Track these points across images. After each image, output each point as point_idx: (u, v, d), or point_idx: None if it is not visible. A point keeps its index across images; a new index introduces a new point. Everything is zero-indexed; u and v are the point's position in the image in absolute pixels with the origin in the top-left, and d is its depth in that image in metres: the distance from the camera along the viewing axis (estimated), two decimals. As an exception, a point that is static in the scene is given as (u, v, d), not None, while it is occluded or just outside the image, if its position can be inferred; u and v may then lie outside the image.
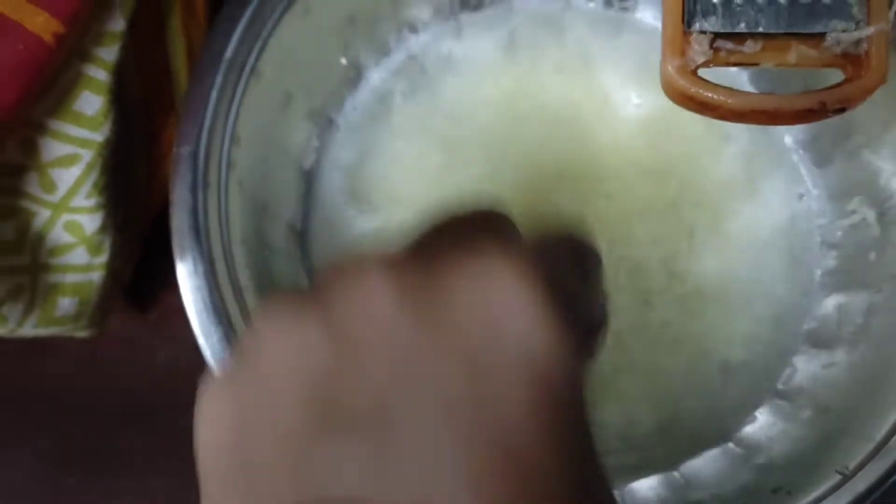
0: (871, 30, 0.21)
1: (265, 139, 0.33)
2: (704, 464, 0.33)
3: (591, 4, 0.38)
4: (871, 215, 0.34)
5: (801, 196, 0.37)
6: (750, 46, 0.22)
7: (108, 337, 0.35)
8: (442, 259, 0.16)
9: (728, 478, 0.32)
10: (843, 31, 0.21)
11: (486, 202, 0.19)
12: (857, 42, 0.21)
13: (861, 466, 0.28)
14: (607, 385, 0.35)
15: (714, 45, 0.22)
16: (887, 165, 0.34)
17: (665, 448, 0.34)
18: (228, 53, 0.30)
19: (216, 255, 0.28)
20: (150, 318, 0.38)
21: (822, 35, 0.21)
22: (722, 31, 0.22)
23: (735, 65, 0.22)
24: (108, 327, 0.34)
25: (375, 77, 0.37)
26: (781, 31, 0.22)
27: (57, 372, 0.38)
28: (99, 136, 0.29)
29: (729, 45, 0.22)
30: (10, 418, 0.38)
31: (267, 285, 0.31)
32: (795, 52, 0.22)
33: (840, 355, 0.33)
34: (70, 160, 0.29)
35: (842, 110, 0.22)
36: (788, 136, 0.37)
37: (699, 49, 0.22)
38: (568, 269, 0.18)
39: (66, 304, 0.32)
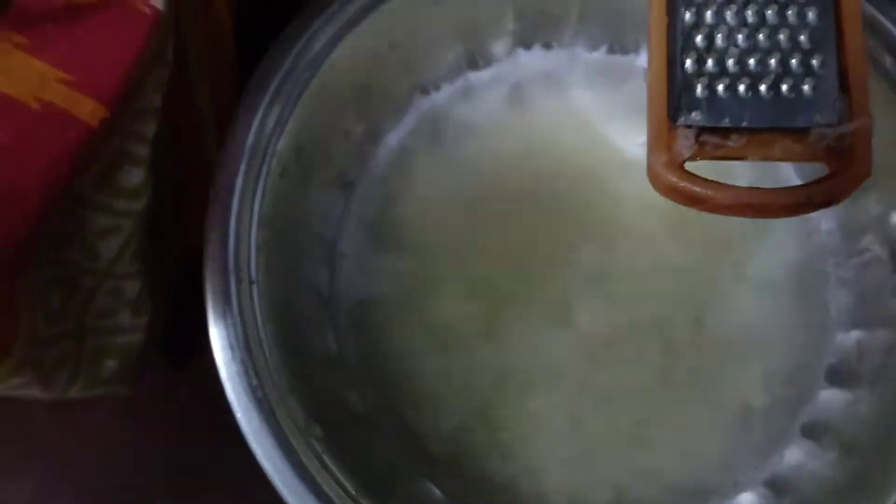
0: (853, 125, 0.21)
1: (290, 216, 0.33)
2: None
3: (595, 54, 0.39)
4: (883, 253, 0.35)
5: (810, 234, 0.37)
6: (735, 141, 0.22)
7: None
8: None
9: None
10: (827, 125, 0.21)
11: None
12: (841, 136, 0.21)
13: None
14: (633, 436, 0.35)
15: (700, 139, 0.22)
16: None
17: (694, 496, 0.35)
18: (250, 141, 0.31)
19: (251, 342, 0.29)
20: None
21: (806, 130, 0.21)
22: (707, 125, 0.22)
23: (721, 159, 0.22)
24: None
25: (393, 138, 0.38)
26: (765, 126, 0.21)
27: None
28: (138, 206, 0.30)
29: (714, 139, 0.22)
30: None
31: (298, 361, 0.31)
32: (780, 146, 0.22)
33: (863, 393, 0.34)
34: (112, 231, 0.30)
35: (828, 204, 0.22)
36: (796, 175, 0.38)
37: (685, 143, 0.22)
38: None
39: (111, 365, 0.33)
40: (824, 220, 0.37)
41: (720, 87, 0.22)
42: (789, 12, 0.22)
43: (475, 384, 0.36)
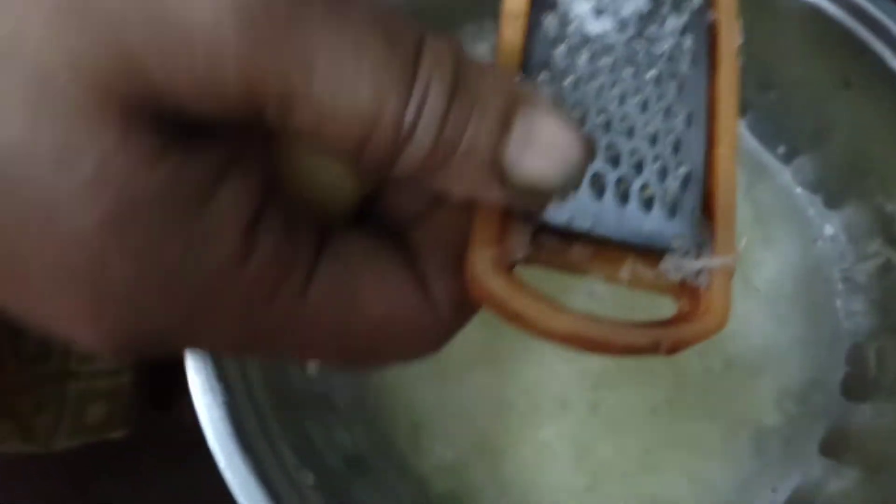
0: (715, 262, 0.17)
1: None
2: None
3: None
4: (895, 256, 0.34)
5: (815, 241, 0.36)
6: (578, 251, 0.18)
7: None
8: None
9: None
10: (685, 254, 0.18)
11: None
12: (699, 272, 0.18)
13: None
14: (643, 463, 0.33)
15: (537, 240, 0.17)
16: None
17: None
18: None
19: (233, 384, 0.27)
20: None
21: (660, 254, 0.18)
22: (549, 222, 0.17)
23: (558, 269, 0.18)
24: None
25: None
26: (615, 236, 0.18)
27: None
28: None
29: (554, 241, 0.18)
30: None
31: (286, 403, 0.29)
32: (628, 268, 0.18)
33: (886, 405, 0.32)
34: None
35: (674, 353, 0.18)
36: (794, 179, 0.36)
37: (519, 240, 0.17)
38: None
39: (97, 410, 0.31)
40: (828, 225, 0.36)
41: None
42: (659, 93, 0.18)
43: (475, 414, 0.34)
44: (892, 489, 0.30)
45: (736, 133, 0.19)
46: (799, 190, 0.36)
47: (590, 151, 0.16)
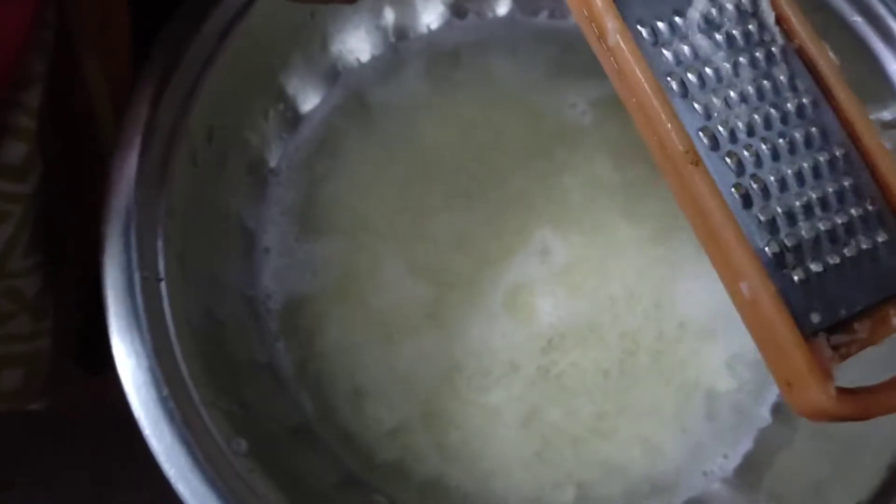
0: None
1: (203, 207, 0.30)
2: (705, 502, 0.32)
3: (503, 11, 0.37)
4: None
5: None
6: (860, 329, 0.19)
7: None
8: None
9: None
10: None
11: None
12: None
13: (879, 497, 0.26)
14: (594, 428, 0.33)
15: (832, 344, 0.19)
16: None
17: (661, 490, 0.32)
18: (156, 119, 0.27)
19: (161, 348, 0.25)
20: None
21: None
22: (830, 322, 0.19)
23: (857, 352, 0.19)
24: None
25: (316, 116, 0.35)
26: (873, 301, 0.19)
27: None
28: (27, 188, 0.27)
29: (843, 337, 0.19)
30: None
31: (223, 371, 0.28)
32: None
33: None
34: None
35: None
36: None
37: (827, 356, 0.18)
38: None
39: (13, 376, 0.29)
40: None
41: (812, 265, 0.19)
42: (825, 158, 0.20)
43: (421, 379, 0.33)
44: (840, 456, 0.30)
45: (882, 145, 0.20)
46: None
47: None
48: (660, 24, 0.20)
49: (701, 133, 0.19)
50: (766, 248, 0.19)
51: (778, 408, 0.33)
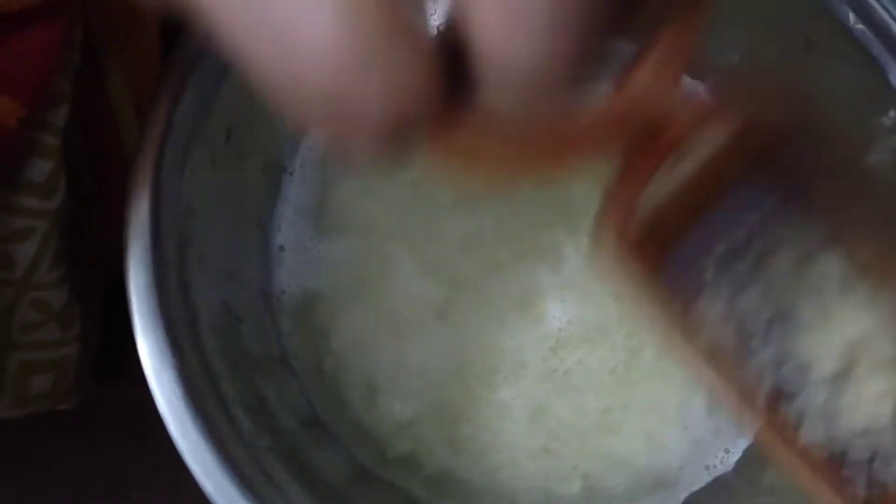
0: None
1: (221, 207, 0.30)
2: (707, 496, 0.33)
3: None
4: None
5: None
6: None
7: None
8: None
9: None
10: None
11: None
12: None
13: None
14: (600, 423, 0.33)
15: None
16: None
17: (666, 484, 0.33)
18: (174, 122, 0.28)
19: (185, 345, 0.26)
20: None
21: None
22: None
23: None
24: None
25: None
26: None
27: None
28: (52, 205, 0.27)
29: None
30: None
31: (241, 366, 0.29)
32: None
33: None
34: (24, 234, 0.27)
35: None
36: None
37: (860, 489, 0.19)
38: None
39: (42, 381, 0.30)
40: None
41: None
42: None
43: (433, 374, 0.33)
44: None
45: None
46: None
47: None
48: None
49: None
50: None
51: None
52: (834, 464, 0.19)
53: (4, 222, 0.26)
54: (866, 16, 0.31)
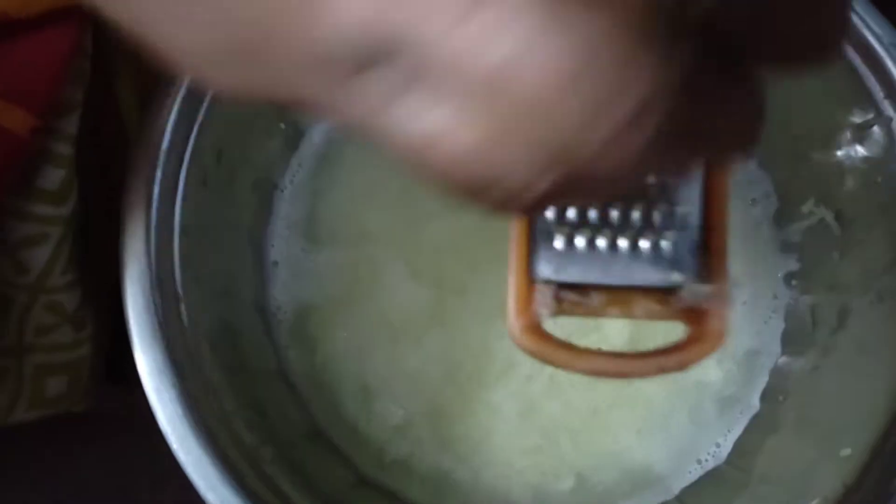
0: (711, 288, 0.20)
1: (214, 225, 0.31)
2: (701, 488, 0.33)
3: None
4: (828, 215, 0.35)
5: (754, 201, 0.37)
6: (595, 299, 0.21)
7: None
8: None
9: (727, 500, 0.33)
10: (684, 284, 0.21)
11: None
12: (698, 297, 0.21)
13: (861, 481, 0.28)
14: (591, 420, 0.34)
15: (558, 296, 0.21)
16: (834, 161, 0.34)
17: (657, 479, 0.34)
18: (164, 144, 0.28)
19: (183, 362, 0.27)
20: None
21: (664, 290, 0.21)
22: (566, 280, 0.21)
23: (582, 315, 0.21)
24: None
25: (317, 133, 0.36)
26: (624, 284, 0.21)
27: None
28: (64, 211, 0.28)
29: (572, 296, 0.21)
30: None
31: (239, 382, 0.29)
32: (640, 306, 0.21)
33: (820, 359, 0.33)
34: (38, 240, 0.28)
35: (681, 370, 0.21)
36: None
37: (542, 301, 0.21)
38: None
39: (57, 383, 0.30)
40: (762, 186, 0.37)
41: (580, 242, 0.21)
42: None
43: (426, 377, 0.34)
44: (822, 440, 0.31)
45: (728, 186, 0.21)
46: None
47: None
48: None
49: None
50: (549, 214, 0.21)
51: (765, 395, 0.35)
52: None
53: (18, 229, 0.27)
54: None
